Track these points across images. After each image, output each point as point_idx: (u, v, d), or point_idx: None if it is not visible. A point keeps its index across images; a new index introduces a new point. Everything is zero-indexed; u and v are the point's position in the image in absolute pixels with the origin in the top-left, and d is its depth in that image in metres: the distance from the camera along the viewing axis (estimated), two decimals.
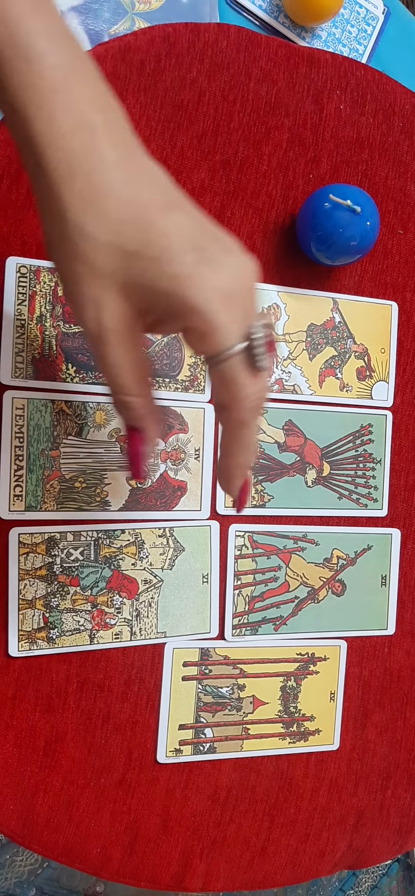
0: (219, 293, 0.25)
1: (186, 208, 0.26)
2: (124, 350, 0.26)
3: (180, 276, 0.24)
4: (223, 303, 0.25)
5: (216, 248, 0.25)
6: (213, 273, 0.25)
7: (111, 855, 0.44)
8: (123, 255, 0.24)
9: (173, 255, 0.24)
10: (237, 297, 0.25)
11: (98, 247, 0.24)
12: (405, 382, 0.49)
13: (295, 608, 0.47)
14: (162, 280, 0.24)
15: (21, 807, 0.42)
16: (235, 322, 0.25)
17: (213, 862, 0.46)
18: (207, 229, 0.26)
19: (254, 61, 0.44)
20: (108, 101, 0.26)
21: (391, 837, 0.51)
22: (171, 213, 0.25)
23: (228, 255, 0.26)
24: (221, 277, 0.25)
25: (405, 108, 0.47)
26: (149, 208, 0.25)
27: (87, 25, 0.46)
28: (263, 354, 0.26)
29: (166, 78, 0.42)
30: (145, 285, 0.25)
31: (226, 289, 0.25)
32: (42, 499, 0.41)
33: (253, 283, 0.27)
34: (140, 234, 0.24)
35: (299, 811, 0.48)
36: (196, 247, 0.25)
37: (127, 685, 0.44)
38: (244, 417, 0.27)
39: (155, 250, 0.24)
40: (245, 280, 0.26)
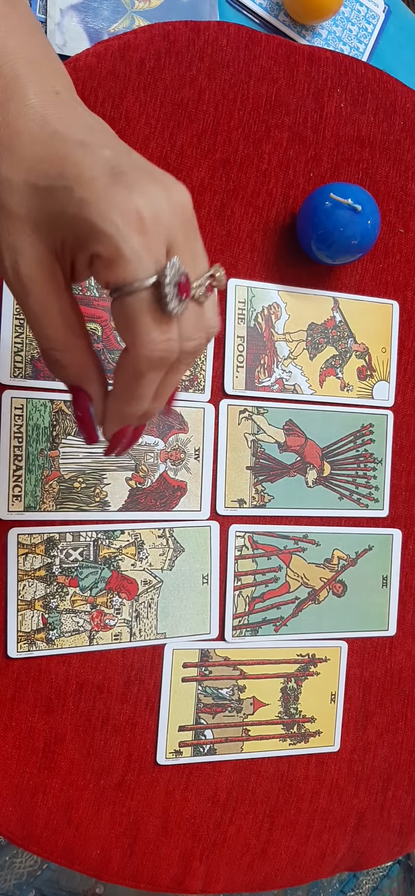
0: (131, 217, 0.22)
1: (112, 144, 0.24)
2: (47, 298, 0.24)
3: (88, 199, 0.22)
4: (135, 229, 0.22)
5: (140, 173, 0.23)
6: (127, 195, 0.22)
7: (111, 857, 0.44)
8: (37, 193, 0.23)
9: (84, 181, 0.22)
10: (155, 226, 0.22)
11: (12, 189, 0.23)
12: (406, 382, 0.49)
13: (296, 609, 0.47)
14: (70, 206, 0.22)
15: (20, 808, 0.42)
16: (148, 253, 0.22)
17: (213, 864, 0.46)
18: (134, 161, 0.24)
19: (254, 59, 0.44)
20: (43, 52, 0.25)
21: (392, 839, 0.51)
22: (90, 146, 0.23)
23: (154, 182, 0.23)
24: (138, 201, 0.22)
25: (406, 107, 0.47)
26: (66, 142, 0.23)
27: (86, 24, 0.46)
28: (172, 297, 0.23)
29: (166, 76, 0.42)
30: (56, 216, 0.23)
31: (141, 214, 0.22)
32: (41, 499, 0.41)
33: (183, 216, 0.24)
34: (53, 168, 0.23)
35: (300, 813, 0.48)
36: (113, 172, 0.22)
37: (126, 686, 0.44)
38: (140, 366, 0.24)
39: (67, 179, 0.22)
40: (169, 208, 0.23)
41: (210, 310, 0.27)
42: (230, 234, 0.44)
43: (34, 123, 0.23)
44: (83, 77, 0.41)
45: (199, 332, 0.25)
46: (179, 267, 0.23)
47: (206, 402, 0.44)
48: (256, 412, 0.45)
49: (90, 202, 0.22)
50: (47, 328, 0.25)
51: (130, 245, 0.22)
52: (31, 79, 0.24)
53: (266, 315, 0.45)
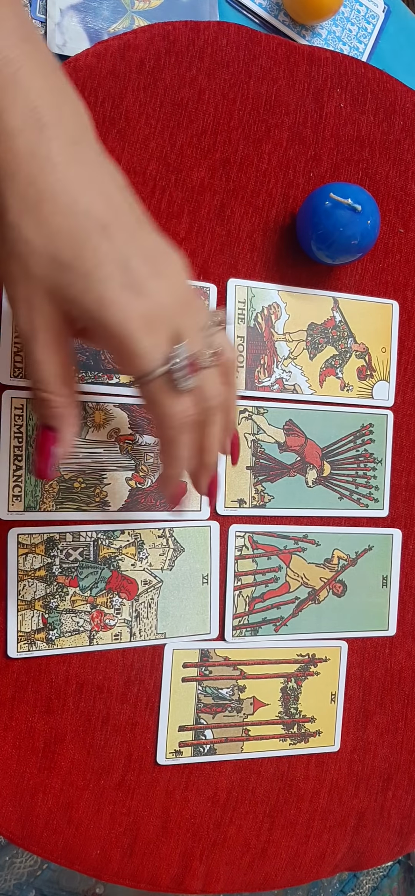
0: (141, 319, 0.25)
1: (125, 222, 0.26)
2: (51, 350, 0.27)
3: (103, 299, 0.25)
4: (145, 328, 0.26)
5: (145, 271, 0.26)
6: (136, 299, 0.25)
7: (111, 856, 0.44)
8: (55, 264, 0.25)
9: (100, 276, 0.25)
10: (160, 322, 0.26)
11: (32, 251, 0.25)
12: (406, 382, 0.49)
13: (296, 609, 0.47)
14: (86, 299, 0.25)
15: (20, 808, 0.42)
16: (157, 347, 0.26)
17: (213, 864, 0.46)
18: (142, 248, 0.26)
19: (254, 59, 0.44)
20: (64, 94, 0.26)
21: (392, 839, 0.51)
22: (106, 231, 0.25)
23: (158, 279, 0.26)
24: (145, 303, 0.26)
25: (406, 107, 0.47)
26: (86, 222, 0.25)
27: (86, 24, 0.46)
28: (184, 377, 0.27)
29: (166, 76, 0.42)
30: (72, 298, 0.26)
31: (148, 314, 0.26)
32: (41, 499, 0.41)
33: (184, 301, 0.27)
34: (73, 248, 0.25)
35: (300, 813, 0.48)
36: (126, 267, 0.25)
37: (126, 686, 0.44)
38: (170, 435, 0.29)
39: (84, 267, 0.25)
40: (172, 301, 0.27)
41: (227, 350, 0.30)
42: (230, 234, 0.44)
43: (59, 190, 0.25)
44: (83, 77, 0.41)
45: (218, 390, 0.29)
46: (187, 352, 0.27)
47: None
48: (256, 412, 0.45)
49: (105, 302, 0.25)
50: (43, 373, 0.28)
51: (142, 346, 0.26)
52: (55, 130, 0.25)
53: (266, 315, 0.45)
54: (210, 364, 0.29)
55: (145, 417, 0.43)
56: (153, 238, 0.28)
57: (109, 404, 0.42)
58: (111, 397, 0.42)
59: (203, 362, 0.28)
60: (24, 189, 0.24)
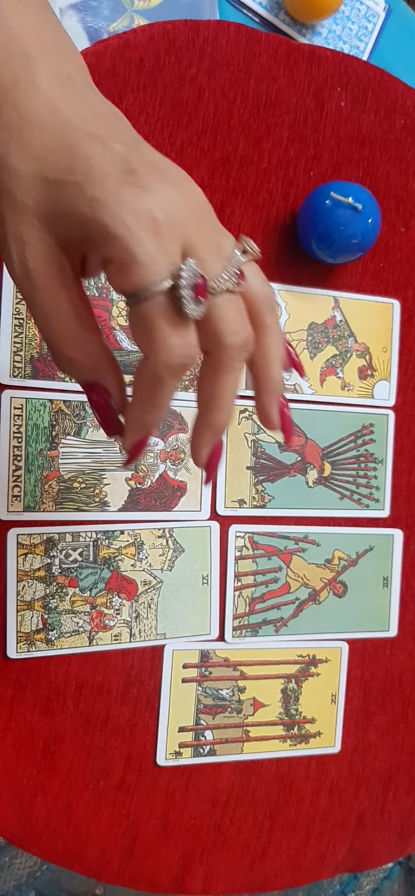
0: (144, 219, 0.21)
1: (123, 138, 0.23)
2: (56, 293, 0.23)
3: (100, 200, 0.21)
4: (149, 231, 0.21)
5: (152, 173, 0.22)
6: (140, 196, 0.21)
7: (110, 858, 0.44)
8: (46, 184, 0.22)
9: (95, 178, 0.21)
10: (169, 227, 0.22)
11: (20, 178, 0.22)
12: (407, 381, 0.49)
13: (296, 609, 0.46)
14: (81, 204, 0.22)
15: (20, 809, 0.42)
16: (163, 256, 0.22)
17: (213, 865, 0.46)
18: (145, 156, 0.23)
19: (254, 58, 0.44)
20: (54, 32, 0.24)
21: (393, 840, 0.50)
22: (101, 139, 0.22)
23: (166, 182, 0.22)
24: (151, 202, 0.21)
25: (407, 106, 0.47)
26: (76, 132, 0.22)
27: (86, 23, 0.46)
28: (190, 300, 0.22)
29: (166, 75, 0.42)
30: (66, 212, 0.22)
31: (154, 215, 0.21)
32: (40, 499, 0.41)
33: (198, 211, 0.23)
34: (63, 160, 0.22)
35: (300, 814, 0.48)
36: (125, 170, 0.22)
37: (126, 687, 0.43)
38: (159, 373, 0.23)
39: (77, 175, 0.22)
40: (183, 207, 0.22)
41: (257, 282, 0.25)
42: (230, 233, 0.44)
43: (44, 110, 0.22)
44: None
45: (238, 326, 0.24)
46: (195, 268, 0.22)
47: None
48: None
49: (101, 202, 0.21)
50: (58, 324, 0.24)
51: (144, 248, 0.21)
52: (41, 61, 0.23)
53: None
54: (231, 289, 0.24)
55: None
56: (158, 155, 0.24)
57: None
58: None
59: (219, 288, 0.23)
60: (10, 116, 0.22)
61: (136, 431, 0.26)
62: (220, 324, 0.23)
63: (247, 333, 0.24)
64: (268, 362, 0.26)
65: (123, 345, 0.42)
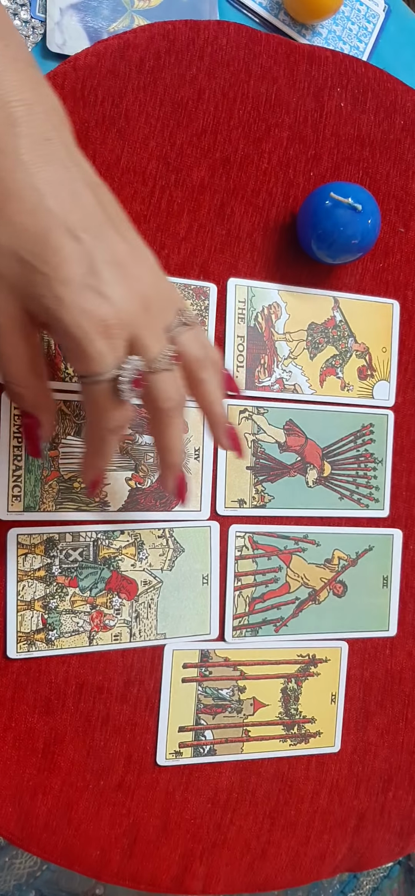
0: (97, 322, 0.26)
1: (93, 222, 0.26)
2: (17, 344, 0.28)
3: (63, 301, 0.25)
4: (100, 335, 0.26)
5: (111, 272, 0.26)
6: (96, 302, 0.25)
7: (110, 857, 0.44)
8: (19, 263, 0.25)
9: (61, 277, 0.25)
10: (119, 328, 0.26)
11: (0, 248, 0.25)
12: (407, 382, 0.49)
13: (296, 609, 0.47)
14: (47, 298, 0.25)
15: (20, 809, 0.42)
16: (110, 352, 0.26)
17: (213, 864, 0.46)
18: (109, 249, 0.26)
19: (254, 59, 0.44)
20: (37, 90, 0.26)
21: (392, 840, 0.51)
22: (71, 232, 0.25)
23: (121, 280, 0.26)
24: (104, 308, 0.26)
25: (406, 106, 0.47)
26: (51, 221, 0.25)
27: (86, 23, 0.46)
28: (127, 390, 0.27)
29: (166, 75, 0.42)
30: (34, 297, 0.26)
31: (107, 321, 0.26)
32: (41, 499, 0.41)
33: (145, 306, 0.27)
34: (36, 247, 0.25)
35: (300, 814, 0.48)
36: (87, 271, 0.25)
37: (126, 687, 0.43)
38: (102, 435, 0.30)
39: (46, 266, 0.25)
40: (134, 306, 0.27)
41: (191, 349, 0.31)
42: (230, 234, 0.44)
43: (27, 189, 0.25)
44: (83, 76, 0.41)
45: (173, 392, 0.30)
46: (135, 365, 0.27)
47: None
48: (257, 412, 0.45)
49: (65, 303, 0.25)
50: (12, 368, 0.29)
51: (95, 348, 0.26)
52: (25, 128, 0.25)
53: (266, 315, 0.45)
54: (166, 368, 0.29)
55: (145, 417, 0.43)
56: (123, 238, 0.28)
57: None
58: None
59: (158, 367, 0.28)
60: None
61: (91, 472, 0.33)
62: (157, 394, 0.29)
63: (179, 397, 0.30)
64: (209, 404, 0.33)
65: None
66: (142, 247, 0.29)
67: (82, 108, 0.41)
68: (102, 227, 0.27)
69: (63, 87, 0.40)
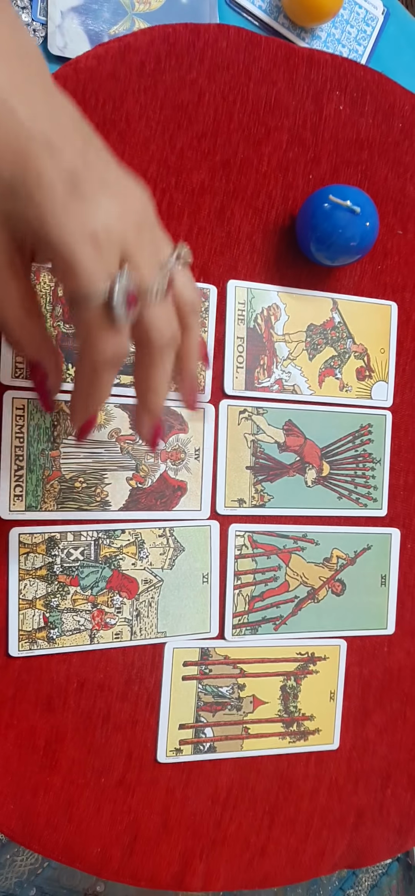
0: (85, 234, 0.24)
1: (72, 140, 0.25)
2: (7, 283, 0.26)
3: (46, 210, 0.24)
4: (89, 245, 0.24)
5: (95, 184, 0.24)
6: (82, 210, 0.24)
7: (111, 855, 0.44)
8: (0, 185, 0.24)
9: (44, 192, 0.24)
10: (108, 241, 0.24)
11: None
12: (405, 382, 0.49)
13: (295, 608, 0.47)
14: (30, 214, 0.24)
15: (21, 806, 0.42)
16: (100, 268, 0.24)
17: (213, 861, 0.46)
18: (92, 163, 0.25)
19: (253, 62, 0.44)
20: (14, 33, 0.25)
21: (391, 837, 0.51)
22: (51, 145, 0.24)
23: (107, 194, 0.25)
24: (92, 216, 0.24)
25: (405, 109, 0.48)
26: (30, 139, 0.24)
27: (86, 26, 0.46)
28: (121, 308, 0.25)
29: (166, 78, 0.42)
30: (17, 216, 0.24)
31: (94, 230, 0.24)
32: (42, 499, 0.41)
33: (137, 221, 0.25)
34: (17, 165, 0.24)
35: (299, 811, 0.48)
36: (71, 181, 0.24)
37: (127, 685, 0.44)
38: (95, 367, 0.27)
39: (28, 184, 0.24)
40: (123, 219, 0.25)
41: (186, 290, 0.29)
42: (230, 236, 0.45)
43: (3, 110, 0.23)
44: (84, 79, 0.41)
45: (165, 329, 0.28)
46: (128, 280, 0.25)
47: (206, 402, 0.44)
48: (256, 412, 0.46)
49: (48, 216, 0.24)
50: (7, 311, 0.27)
51: (83, 261, 0.24)
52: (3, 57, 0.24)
53: (266, 316, 0.45)
54: (158, 297, 0.27)
55: None
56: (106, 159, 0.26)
57: (110, 404, 0.43)
58: (112, 397, 0.43)
59: (150, 295, 0.26)
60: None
61: (80, 415, 0.30)
62: (150, 326, 0.27)
63: (172, 332, 0.28)
64: (187, 356, 0.31)
65: None
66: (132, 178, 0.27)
67: (83, 110, 0.41)
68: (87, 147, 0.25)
69: (64, 90, 0.41)
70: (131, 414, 0.43)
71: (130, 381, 0.43)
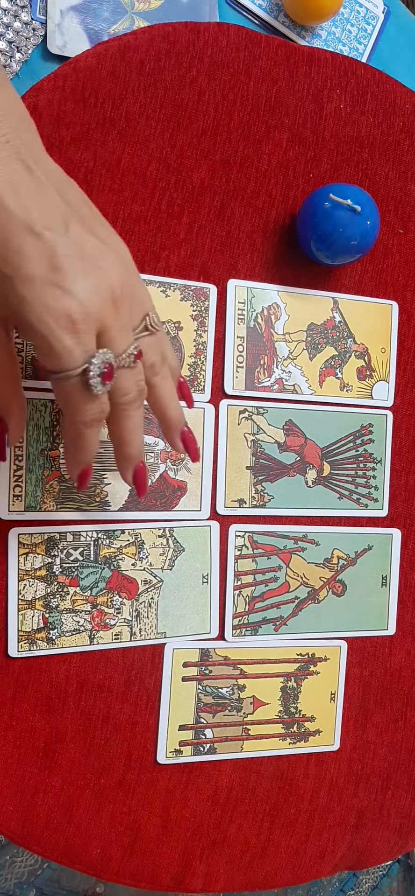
0: (63, 320, 0.25)
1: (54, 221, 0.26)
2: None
3: (27, 300, 0.25)
4: (67, 329, 0.26)
5: (75, 263, 0.26)
6: (61, 299, 0.25)
7: (111, 856, 0.44)
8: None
9: (22, 275, 0.25)
10: (84, 322, 0.26)
11: None
12: (406, 382, 0.49)
13: (295, 608, 0.47)
14: (11, 298, 0.26)
15: (21, 807, 0.42)
16: (78, 346, 0.26)
17: (213, 863, 0.46)
18: (73, 242, 0.26)
19: (254, 60, 0.44)
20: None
21: (392, 838, 0.51)
22: (30, 230, 0.25)
23: (86, 273, 0.26)
24: (70, 303, 0.25)
25: (405, 108, 0.47)
26: (9, 222, 0.25)
27: (86, 25, 0.46)
28: (97, 383, 0.27)
29: (166, 77, 0.42)
30: None
31: (72, 316, 0.26)
32: (42, 499, 0.41)
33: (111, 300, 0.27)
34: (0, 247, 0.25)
35: (300, 812, 0.48)
36: (50, 267, 0.25)
37: (127, 686, 0.44)
38: (77, 430, 0.30)
39: (8, 267, 0.25)
40: (100, 299, 0.27)
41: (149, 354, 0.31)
42: (230, 235, 0.44)
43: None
44: (83, 78, 0.41)
45: (132, 387, 0.30)
46: (104, 358, 0.27)
47: (206, 402, 0.44)
48: (256, 412, 0.45)
49: (28, 302, 0.25)
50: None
51: (62, 344, 0.26)
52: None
53: (266, 315, 0.45)
54: (128, 365, 0.29)
55: (145, 417, 0.43)
56: (91, 232, 0.28)
57: None
58: None
59: (121, 363, 0.29)
60: None
61: (73, 468, 0.33)
62: (118, 389, 0.30)
63: (137, 392, 0.31)
64: (162, 409, 0.34)
65: None
66: (113, 241, 0.29)
67: (83, 109, 0.41)
68: (67, 222, 0.27)
69: (64, 89, 0.41)
70: None
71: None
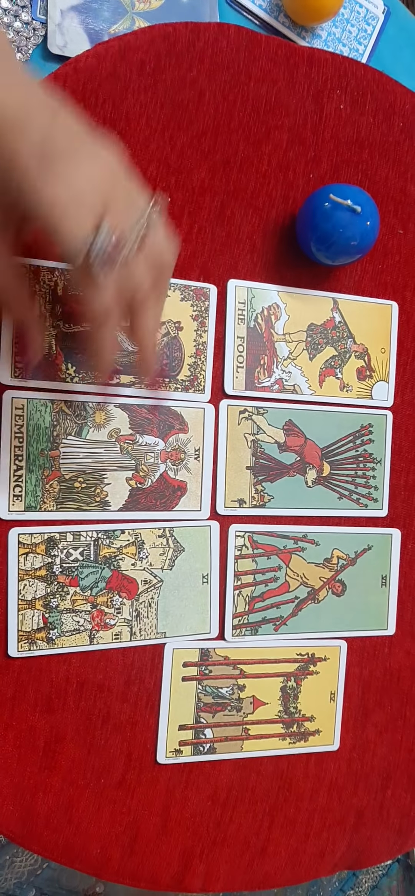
0: (63, 200, 0.26)
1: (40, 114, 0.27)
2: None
3: (23, 188, 0.26)
4: (68, 209, 0.26)
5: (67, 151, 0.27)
6: (56, 181, 0.26)
7: (111, 855, 0.44)
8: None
9: (19, 169, 0.26)
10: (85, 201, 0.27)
11: None
12: (405, 382, 0.49)
13: (295, 608, 0.47)
14: (10, 190, 0.27)
15: (21, 807, 0.42)
16: (81, 227, 0.27)
17: (213, 862, 0.46)
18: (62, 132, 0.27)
19: (254, 61, 0.44)
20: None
21: (391, 837, 0.51)
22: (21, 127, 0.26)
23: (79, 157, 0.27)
24: (67, 181, 0.26)
25: (405, 108, 0.47)
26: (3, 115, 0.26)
27: (87, 25, 0.46)
28: (99, 270, 0.28)
29: (166, 77, 0.42)
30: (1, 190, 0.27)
31: (71, 194, 0.26)
32: (42, 499, 0.41)
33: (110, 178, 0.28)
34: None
35: (299, 811, 0.48)
36: (43, 153, 0.26)
37: (127, 685, 0.44)
38: (91, 328, 0.30)
39: (3, 160, 0.26)
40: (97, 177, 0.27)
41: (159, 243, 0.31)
42: (230, 236, 0.44)
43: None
44: (84, 78, 0.41)
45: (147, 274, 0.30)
46: (105, 239, 0.27)
47: (206, 402, 0.44)
48: (256, 412, 0.45)
49: (25, 191, 0.26)
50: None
51: (64, 228, 0.27)
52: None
53: (266, 316, 0.45)
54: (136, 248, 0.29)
55: (146, 417, 0.43)
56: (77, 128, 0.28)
57: (110, 404, 0.43)
58: (112, 397, 0.43)
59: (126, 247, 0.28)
60: None
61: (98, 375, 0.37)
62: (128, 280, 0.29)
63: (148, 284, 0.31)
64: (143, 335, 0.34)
65: (123, 345, 0.42)
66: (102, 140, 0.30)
67: (83, 109, 0.41)
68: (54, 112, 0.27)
69: (64, 89, 0.41)
70: (131, 414, 0.43)
71: (129, 381, 0.43)
